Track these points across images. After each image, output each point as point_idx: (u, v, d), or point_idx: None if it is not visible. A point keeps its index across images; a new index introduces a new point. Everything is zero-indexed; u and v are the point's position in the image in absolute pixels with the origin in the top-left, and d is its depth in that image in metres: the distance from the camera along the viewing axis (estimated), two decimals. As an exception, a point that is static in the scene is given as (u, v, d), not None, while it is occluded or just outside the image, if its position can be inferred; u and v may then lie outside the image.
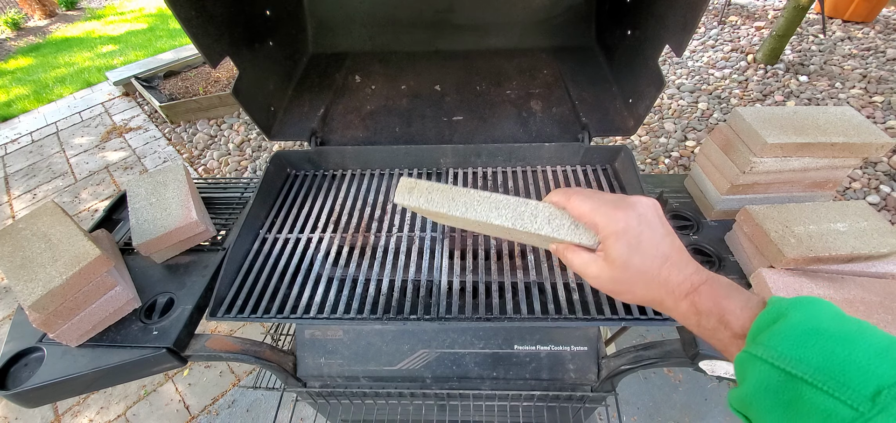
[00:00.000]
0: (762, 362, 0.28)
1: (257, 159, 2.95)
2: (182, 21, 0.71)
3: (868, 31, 3.37)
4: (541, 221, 0.43)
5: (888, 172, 2.21)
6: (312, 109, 1.07)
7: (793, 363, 0.26)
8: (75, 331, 0.66)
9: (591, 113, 0.99)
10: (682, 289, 0.36)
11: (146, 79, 3.86)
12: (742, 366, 0.30)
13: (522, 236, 0.48)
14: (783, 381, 0.27)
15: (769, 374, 0.27)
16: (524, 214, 0.44)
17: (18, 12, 6.53)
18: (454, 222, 0.50)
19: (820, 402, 0.25)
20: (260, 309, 0.72)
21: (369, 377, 0.82)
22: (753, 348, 0.29)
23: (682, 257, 0.38)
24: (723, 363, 0.64)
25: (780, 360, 0.27)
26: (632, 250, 0.38)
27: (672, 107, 2.96)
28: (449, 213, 0.46)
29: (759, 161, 0.76)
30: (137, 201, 0.83)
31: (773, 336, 0.28)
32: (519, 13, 1.14)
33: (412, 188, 0.47)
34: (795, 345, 0.27)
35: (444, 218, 0.49)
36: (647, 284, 0.38)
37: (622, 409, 0.91)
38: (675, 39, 0.73)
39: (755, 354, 0.29)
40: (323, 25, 1.18)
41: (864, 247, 0.66)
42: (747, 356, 0.29)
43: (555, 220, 0.43)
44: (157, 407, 1.74)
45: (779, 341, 0.28)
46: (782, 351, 0.27)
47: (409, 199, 0.47)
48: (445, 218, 0.49)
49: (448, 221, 0.51)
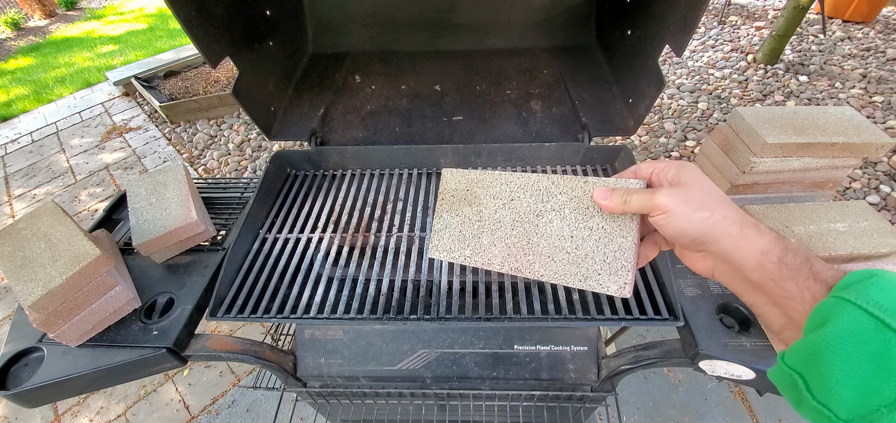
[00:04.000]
0: (855, 307, 0.26)
1: (257, 159, 2.95)
2: (182, 21, 0.71)
3: (868, 31, 3.37)
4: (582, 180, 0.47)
5: (888, 172, 2.21)
6: (312, 109, 1.07)
7: (889, 314, 0.25)
8: (75, 331, 0.66)
9: (591, 113, 0.99)
10: (763, 223, 0.35)
11: (146, 79, 3.86)
12: (826, 310, 0.29)
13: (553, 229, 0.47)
14: (874, 330, 0.25)
15: (860, 320, 0.26)
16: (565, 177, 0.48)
17: (18, 12, 6.53)
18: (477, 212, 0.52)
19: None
20: (260, 309, 0.72)
21: (369, 377, 0.82)
22: (846, 293, 0.28)
23: None
24: (723, 362, 0.63)
25: (876, 308, 0.26)
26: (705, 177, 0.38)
27: (672, 107, 2.96)
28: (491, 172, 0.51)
29: (759, 161, 0.76)
30: (137, 201, 0.83)
31: (870, 287, 0.27)
32: (519, 13, 1.14)
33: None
34: (891, 297, 0.26)
35: (480, 190, 0.52)
36: (725, 204, 0.36)
37: (622, 409, 0.91)
38: (675, 39, 0.73)
39: (848, 298, 0.27)
40: (323, 25, 1.18)
41: (864, 247, 0.66)
42: (837, 300, 0.28)
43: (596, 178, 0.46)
44: (157, 407, 1.74)
45: (876, 291, 0.27)
46: (879, 301, 0.26)
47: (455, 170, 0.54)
48: (482, 190, 0.52)
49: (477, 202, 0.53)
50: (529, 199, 0.48)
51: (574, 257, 0.45)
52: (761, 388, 0.66)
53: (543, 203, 0.48)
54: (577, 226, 0.45)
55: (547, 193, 0.48)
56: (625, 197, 0.41)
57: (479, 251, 0.49)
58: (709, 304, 0.68)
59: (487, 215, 0.50)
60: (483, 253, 0.49)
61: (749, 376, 0.63)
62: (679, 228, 0.37)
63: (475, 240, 0.50)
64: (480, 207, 0.51)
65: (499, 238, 0.49)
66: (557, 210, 0.47)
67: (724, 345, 0.63)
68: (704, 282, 0.72)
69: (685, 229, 0.37)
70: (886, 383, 0.24)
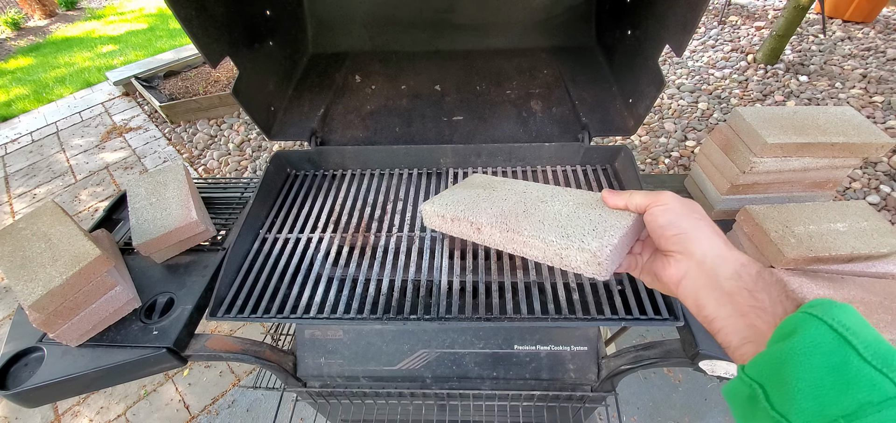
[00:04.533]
0: (821, 322, 0.29)
1: (257, 159, 2.95)
2: (182, 21, 0.71)
3: (868, 31, 3.37)
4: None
5: (888, 172, 2.21)
6: (312, 109, 1.07)
7: (850, 333, 0.27)
8: (75, 331, 0.66)
9: (591, 113, 0.99)
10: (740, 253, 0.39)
11: (146, 79, 3.86)
12: (791, 324, 0.31)
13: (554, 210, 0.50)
14: (836, 345, 0.27)
15: (825, 334, 0.28)
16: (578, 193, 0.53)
17: (18, 12, 6.53)
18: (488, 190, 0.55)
19: (866, 373, 0.25)
20: (260, 309, 0.72)
21: (369, 376, 0.82)
22: (813, 310, 0.30)
23: None
24: (723, 362, 0.64)
25: (839, 325, 0.28)
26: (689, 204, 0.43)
27: (672, 107, 2.96)
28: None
29: (759, 161, 0.76)
30: (137, 201, 0.83)
31: (837, 309, 0.29)
32: (519, 13, 1.14)
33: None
34: (853, 320, 0.28)
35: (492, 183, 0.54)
36: (711, 223, 0.40)
37: (622, 409, 0.91)
38: (676, 39, 0.73)
39: (815, 314, 0.29)
40: (323, 25, 1.18)
41: (864, 247, 0.66)
42: (805, 315, 0.30)
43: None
44: (157, 407, 1.74)
45: (841, 312, 0.29)
46: (843, 320, 0.28)
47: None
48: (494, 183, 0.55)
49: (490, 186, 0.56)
50: (540, 191, 0.52)
51: (563, 224, 0.47)
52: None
53: (552, 195, 0.51)
54: (577, 211, 0.48)
55: (559, 193, 0.52)
56: (629, 194, 0.47)
57: (471, 210, 0.51)
58: (709, 304, 0.68)
59: (496, 195, 0.53)
60: (474, 211, 0.51)
61: (749, 376, 0.63)
62: (673, 217, 0.42)
63: (473, 206, 0.52)
64: (494, 190, 0.55)
65: (496, 205, 0.51)
66: (562, 200, 0.50)
67: (724, 345, 0.63)
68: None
69: (678, 220, 0.41)
70: (844, 394, 0.26)
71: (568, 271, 0.74)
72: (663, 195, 0.44)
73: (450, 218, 0.52)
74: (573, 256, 0.43)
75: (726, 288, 0.36)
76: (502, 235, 0.48)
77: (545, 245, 0.45)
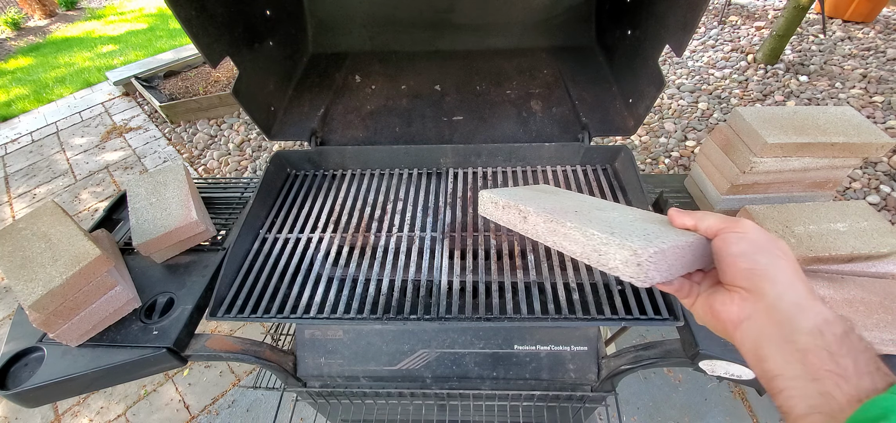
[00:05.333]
0: None
1: (257, 159, 2.95)
2: (182, 21, 0.71)
3: (868, 31, 3.37)
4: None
5: (888, 172, 2.21)
6: (312, 109, 1.07)
7: None
8: (75, 331, 0.66)
9: (591, 113, 0.99)
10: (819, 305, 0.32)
11: (146, 79, 3.86)
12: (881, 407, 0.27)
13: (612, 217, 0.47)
14: None
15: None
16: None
17: (18, 12, 6.53)
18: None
19: None
20: (260, 309, 0.72)
21: (369, 376, 0.82)
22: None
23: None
24: (723, 362, 0.64)
25: None
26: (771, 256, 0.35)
27: (672, 107, 2.96)
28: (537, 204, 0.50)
29: (760, 161, 0.76)
30: (137, 201, 0.83)
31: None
32: (519, 13, 1.14)
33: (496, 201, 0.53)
34: None
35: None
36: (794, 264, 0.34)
37: (622, 409, 0.91)
38: (676, 39, 0.73)
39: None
40: (323, 25, 1.18)
41: (864, 247, 0.66)
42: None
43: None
44: (157, 407, 1.74)
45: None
46: None
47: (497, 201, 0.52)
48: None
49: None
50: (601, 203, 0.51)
51: (613, 226, 0.42)
52: (761, 388, 0.66)
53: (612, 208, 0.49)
54: (634, 223, 0.43)
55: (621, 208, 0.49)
56: (702, 215, 0.40)
57: (524, 201, 0.50)
58: (709, 304, 0.68)
59: (555, 198, 0.53)
60: (526, 202, 0.50)
61: (749, 375, 0.63)
62: (748, 247, 0.35)
63: (528, 199, 0.52)
64: (555, 195, 0.55)
65: (550, 203, 0.50)
66: (622, 213, 0.47)
67: (724, 345, 0.63)
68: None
69: (754, 253, 0.35)
70: None
71: (568, 271, 0.74)
72: (742, 223, 0.37)
73: (502, 205, 0.52)
74: (612, 252, 0.39)
75: (801, 344, 0.31)
76: (545, 224, 0.45)
77: (585, 239, 0.41)
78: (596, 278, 0.74)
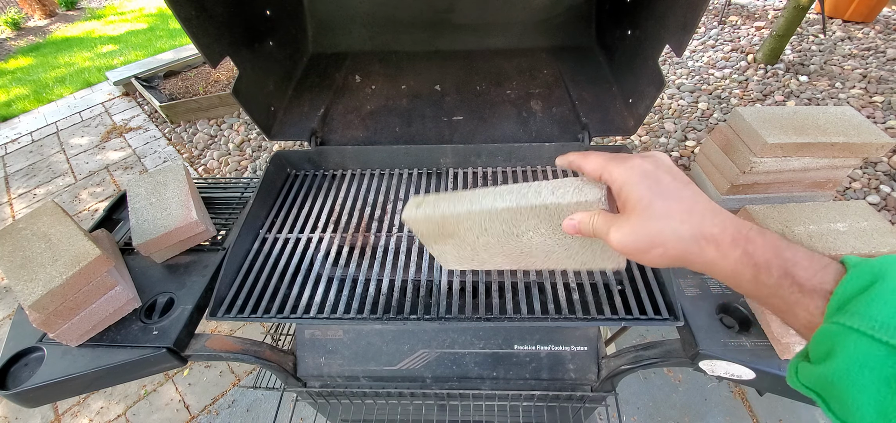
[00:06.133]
0: (861, 334, 0.24)
1: (257, 159, 2.95)
2: (182, 21, 0.71)
3: (868, 31, 3.37)
4: (545, 194, 0.43)
5: (888, 172, 2.21)
6: (312, 109, 1.07)
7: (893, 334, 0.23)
8: (75, 331, 0.66)
9: (591, 113, 0.99)
10: (725, 236, 0.31)
11: (146, 79, 3.86)
12: (829, 339, 0.26)
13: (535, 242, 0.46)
14: (885, 356, 0.24)
15: (870, 348, 0.24)
16: (527, 193, 0.43)
17: (18, 12, 6.53)
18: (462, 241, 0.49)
19: None
20: (260, 309, 0.72)
21: (369, 377, 0.82)
22: (847, 319, 0.25)
23: (711, 203, 0.33)
24: (723, 362, 0.64)
25: (882, 331, 0.24)
26: (653, 192, 0.33)
27: (672, 107, 2.96)
28: (456, 212, 0.46)
29: (760, 161, 0.76)
30: (137, 201, 0.83)
31: (873, 303, 0.24)
32: (519, 13, 1.14)
33: (420, 203, 0.49)
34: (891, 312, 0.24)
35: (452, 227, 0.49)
36: (678, 233, 0.32)
37: (622, 409, 0.91)
38: (676, 39, 0.73)
39: (852, 326, 0.25)
40: (323, 25, 1.18)
41: (864, 247, 0.66)
42: (839, 327, 0.26)
43: (559, 189, 0.42)
44: (157, 407, 1.74)
45: (881, 308, 0.24)
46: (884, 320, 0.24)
47: (417, 212, 0.48)
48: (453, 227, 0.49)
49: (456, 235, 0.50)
50: (501, 226, 0.47)
51: (569, 254, 0.46)
52: (761, 388, 0.66)
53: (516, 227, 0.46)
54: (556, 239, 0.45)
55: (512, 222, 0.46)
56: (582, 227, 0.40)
57: (485, 263, 0.51)
58: (709, 304, 0.69)
59: (472, 242, 0.49)
60: (490, 263, 0.51)
61: (749, 375, 0.63)
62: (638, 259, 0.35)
63: (476, 257, 0.51)
64: (461, 237, 0.50)
65: (495, 252, 0.49)
66: (533, 231, 0.46)
67: (724, 345, 0.63)
68: (704, 282, 0.72)
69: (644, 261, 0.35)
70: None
71: (568, 271, 0.74)
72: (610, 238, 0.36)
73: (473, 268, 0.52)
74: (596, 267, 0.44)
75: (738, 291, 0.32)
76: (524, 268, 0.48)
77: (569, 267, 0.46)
78: (596, 278, 0.74)
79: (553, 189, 0.43)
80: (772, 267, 0.29)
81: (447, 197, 0.48)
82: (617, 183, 0.36)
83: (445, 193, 0.48)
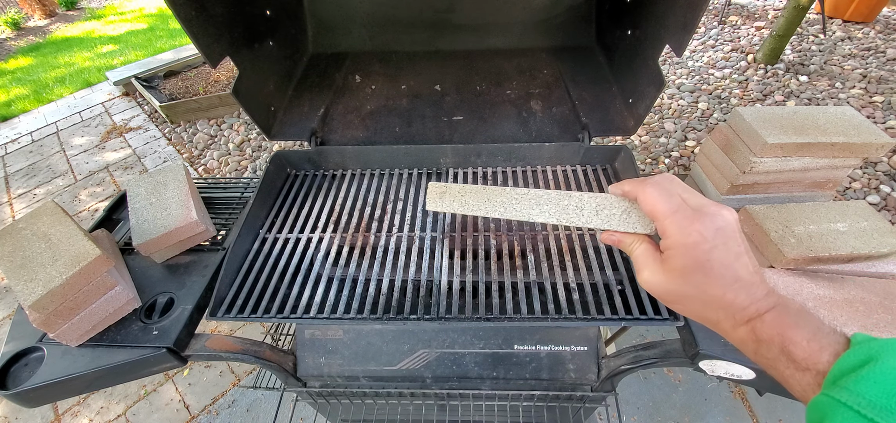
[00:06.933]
0: (848, 409, 0.26)
1: (257, 159, 2.95)
2: (182, 21, 0.71)
3: (868, 31, 3.37)
4: (588, 213, 0.42)
5: (888, 172, 2.21)
6: (312, 109, 1.07)
7: (885, 415, 0.25)
8: (75, 331, 0.66)
9: (591, 113, 0.99)
10: (744, 314, 0.34)
11: (146, 79, 3.86)
12: (821, 409, 0.28)
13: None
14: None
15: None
16: (569, 207, 0.43)
17: (18, 12, 6.53)
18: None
19: None
20: (260, 309, 0.72)
21: (369, 377, 0.82)
22: (838, 393, 0.27)
23: (754, 279, 0.34)
24: (723, 362, 0.64)
25: (870, 409, 0.25)
26: (697, 266, 0.35)
27: (672, 107, 2.96)
28: (487, 215, 0.46)
29: (760, 161, 0.76)
30: (137, 201, 0.83)
31: (863, 382, 0.26)
32: (519, 13, 1.13)
33: (443, 193, 0.47)
34: (890, 395, 0.25)
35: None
36: (705, 303, 0.35)
37: (622, 409, 0.91)
38: (676, 39, 0.73)
39: (840, 400, 0.27)
40: (323, 25, 1.18)
41: (864, 247, 0.66)
42: (830, 400, 0.27)
43: (603, 211, 0.42)
44: (157, 407, 1.74)
45: (869, 387, 0.26)
46: (873, 400, 0.26)
47: (441, 204, 0.47)
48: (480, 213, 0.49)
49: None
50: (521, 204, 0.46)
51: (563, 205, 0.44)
52: (761, 388, 0.66)
53: (538, 206, 0.46)
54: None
55: (537, 202, 0.46)
56: (623, 241, 0.42)
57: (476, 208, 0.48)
58: (709, 304, 0.68)
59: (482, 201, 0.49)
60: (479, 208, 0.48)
61: (749, 375, 0.63)
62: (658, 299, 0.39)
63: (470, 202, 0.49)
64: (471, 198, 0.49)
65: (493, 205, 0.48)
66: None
67: (724, 345, 0.63)
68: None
69: (662, 302, 0.39)
70: None
71: (568, 271, 0.74)
72: (642, 275, 0.40)
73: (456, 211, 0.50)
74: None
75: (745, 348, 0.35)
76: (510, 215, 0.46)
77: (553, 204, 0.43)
78: (596, 278, 0.74)
79: (597, 208, 0.42)
80: (773, 344, 0.32)
81: (474, 192, 0.47)
82: (668, 239, 0.37)
83: (470, 186, 0.47)
